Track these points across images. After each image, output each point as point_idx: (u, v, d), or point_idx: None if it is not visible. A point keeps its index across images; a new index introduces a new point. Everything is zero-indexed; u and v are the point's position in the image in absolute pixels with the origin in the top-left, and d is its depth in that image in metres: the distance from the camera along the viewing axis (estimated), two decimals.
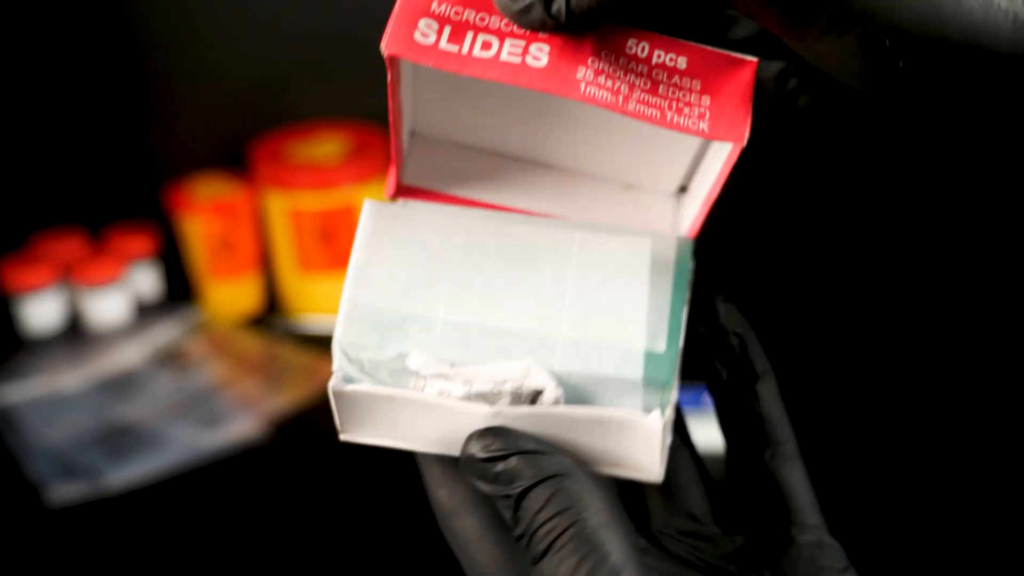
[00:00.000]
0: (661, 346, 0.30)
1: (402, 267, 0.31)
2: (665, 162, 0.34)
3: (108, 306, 0.96)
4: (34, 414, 0.87)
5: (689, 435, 0.34)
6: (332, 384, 0.30)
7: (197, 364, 0.94)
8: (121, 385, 0.91)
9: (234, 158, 1.04)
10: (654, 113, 0.28)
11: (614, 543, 0.27)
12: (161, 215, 1.02)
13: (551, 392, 0.29)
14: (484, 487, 0.29)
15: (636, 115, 0.28)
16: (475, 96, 0.33)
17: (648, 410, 0.29)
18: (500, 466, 0.28)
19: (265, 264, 1.03)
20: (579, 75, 0.27)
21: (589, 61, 0.28)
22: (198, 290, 1.02)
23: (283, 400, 0.88)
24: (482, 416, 0.29)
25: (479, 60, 0.27)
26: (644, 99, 0.28)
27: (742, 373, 0.33)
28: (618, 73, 0.28)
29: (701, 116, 0.28)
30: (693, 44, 0.29)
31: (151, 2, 1.00)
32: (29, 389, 0.90)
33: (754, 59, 0.29)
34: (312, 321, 0.99)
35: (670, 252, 0.32)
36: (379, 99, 1.21)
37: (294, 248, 0.98)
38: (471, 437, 0.29)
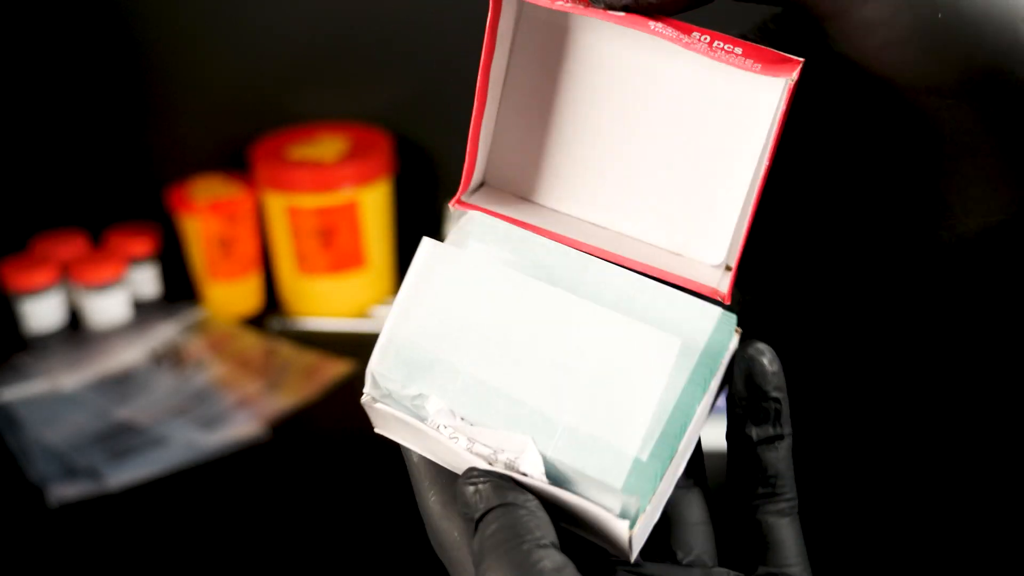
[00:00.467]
0: (647, 454, 0.30)
1: (442, 311, 0.33)
2: (710, 232, 0.36)
3: (108, 306, 0.97)
4: (34, 414, 0.87)
5: (704, 473, 0.35)
6: (363, 400, 0.34)
7: (197, 364, 0.94)
8: (121, 385, 0.91)
9: (234, 159, 1.04)
10: (711, 54, 0.32)
11: (547, 561, 0.29)
12: (161, 216, 1.03)
13: (536, 480, 0.31)
14: (463, 510, 0.31)
15: (698, 51, 0.32)
16: (545, 152, 0.37)
17: (624, 515, 0.30)
18: (474, 489, 0.31)
19: (265, 264, 1.04)
20: (650, 24, 0.33)
21: (659, 22, 0.33)
22: (198, 290, 1.03)
23: (283, 400, 0.88)
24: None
25: (565, 4, 0.33)
26: (704, 51, 0.32)
27: (768, 434, 0.34)
28: (683, 37, 0.33)
29: (753, 67, 0.32)
30: (748, 42, 0.33)
31: (151, 4, 1.00)
32: (29, 389, 0.90)
33: (801, 59, 0.32)
34: (311, 321, 1.00)
35: (701, 338, 0.32)
36: (379, 99, 1.22)
37: (293, 249, 0.98)
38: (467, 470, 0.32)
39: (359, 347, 0.95)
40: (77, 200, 1.06)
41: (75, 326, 0.98)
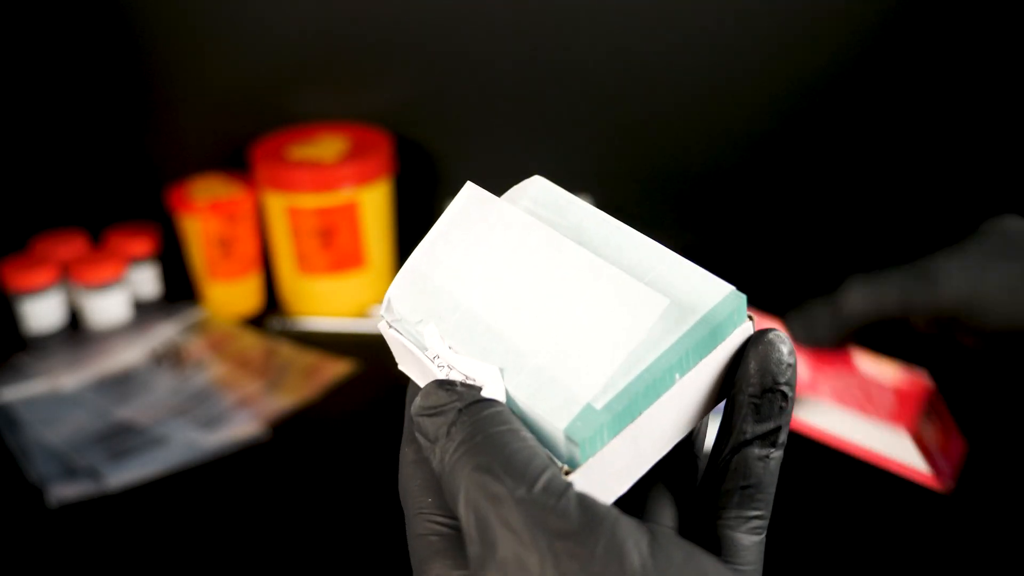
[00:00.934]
0: (602, 403, 0.29)
1: (464, 250, 0.34)
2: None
3: (108, 306, 0.97)
4: (34, 414, 0.87)
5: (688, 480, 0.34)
6: (379, 324, 0.35)
7: (197, 364, 0.94)
8: (121, 385, 0.91)
9: (234, 159, 1.04)
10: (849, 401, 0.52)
11: (539, 448, 0.29)
12: (162, 216, 1.03)
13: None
14: (432, 409, 0.31)
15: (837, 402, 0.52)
16: None
17: (568, 461, 0.30)
18: (454, 387, 0.31)
19: (265, 264, 1.04)
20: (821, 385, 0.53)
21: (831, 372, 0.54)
22: (198, 290, 1.03)
23: (283, 400, 0.88)
24: None
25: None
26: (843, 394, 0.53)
27: (764, 436, 0.32)
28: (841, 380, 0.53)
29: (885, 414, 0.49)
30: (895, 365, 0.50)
31: (151, 4, 1.00)
32: (29, 389, 0.90)
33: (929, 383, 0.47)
34: (311, 321, 1.00)
35: (701, 308, 0.31)
36: (379, 99, 1.22)
37: (293, 249, 0.98)
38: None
39: (359, 347, 0.95)
40: (77, 200, 1.06)
41: (75, 326, 0.98)
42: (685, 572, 0.27)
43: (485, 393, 0.31)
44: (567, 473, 0.29)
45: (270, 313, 1.02)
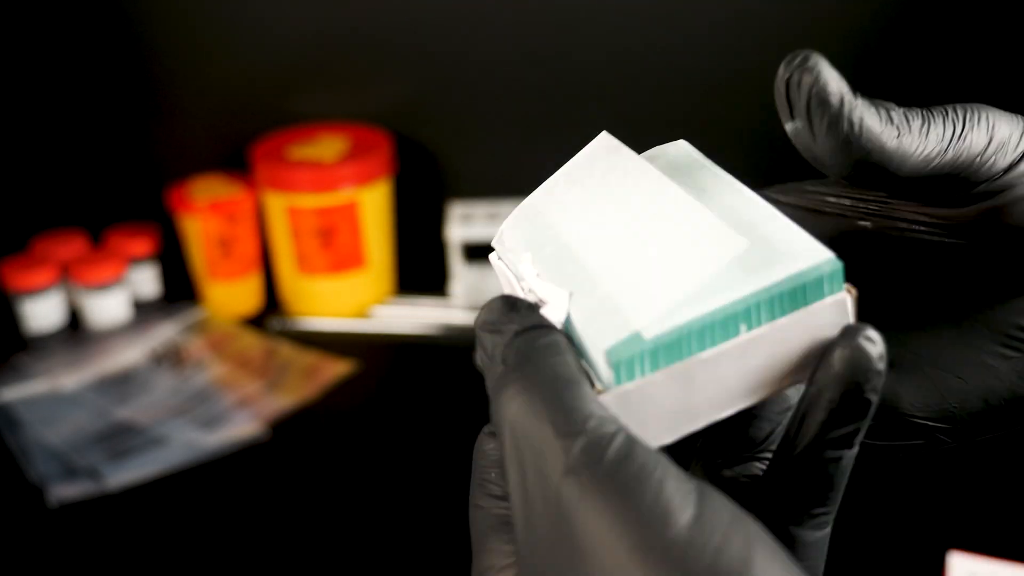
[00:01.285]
0: (651, 334, 0.29)
1: (580, 190, 0.35)
2: None
3: (108, 306, 0.97)
4: (34, 414, 0.87)
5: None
6: (491, 256, 0.36)
7: (197, 364, 0.94)
8: (121, 385, 0.91)
9: (235, 159, 1.04)
10: None
11: (593, 397, 0.28)
12: (162, 216, 1.03)
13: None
14: (490, 316, 0.30)
15: None
16: None
17: (604, 383, 0.29)
18: (510, 306, 0.31)
19: (265, 264, 1.04)
20: None
21: None
22: (198, 290, 1.03)
23: (283, 400, 0.88)
24: None
25: None
26: None
27: (840, 438, 0.29)
28: None
29: None
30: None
31: (153, 5, 1.00)
32: (29, 389, 0.90)
33: None
34: (311, 321, 1.00)
35: (791, 267, 0.29)
36: (379, 99, 1.21)
37: (293, 249, 0.98)
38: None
39: (359, 347, 0.95)
40: (77, 200, 1.06)
41: (75, 326, 0.98)
42: (731, 537, 0.25)
43: (546, 312, 0.31)
44: (599, 393, 0.28)
45: (270, 313, 1.02)
